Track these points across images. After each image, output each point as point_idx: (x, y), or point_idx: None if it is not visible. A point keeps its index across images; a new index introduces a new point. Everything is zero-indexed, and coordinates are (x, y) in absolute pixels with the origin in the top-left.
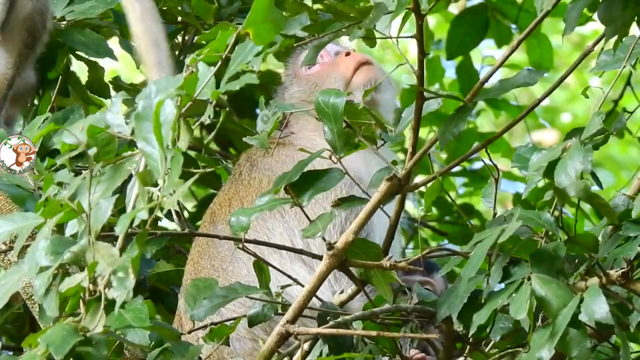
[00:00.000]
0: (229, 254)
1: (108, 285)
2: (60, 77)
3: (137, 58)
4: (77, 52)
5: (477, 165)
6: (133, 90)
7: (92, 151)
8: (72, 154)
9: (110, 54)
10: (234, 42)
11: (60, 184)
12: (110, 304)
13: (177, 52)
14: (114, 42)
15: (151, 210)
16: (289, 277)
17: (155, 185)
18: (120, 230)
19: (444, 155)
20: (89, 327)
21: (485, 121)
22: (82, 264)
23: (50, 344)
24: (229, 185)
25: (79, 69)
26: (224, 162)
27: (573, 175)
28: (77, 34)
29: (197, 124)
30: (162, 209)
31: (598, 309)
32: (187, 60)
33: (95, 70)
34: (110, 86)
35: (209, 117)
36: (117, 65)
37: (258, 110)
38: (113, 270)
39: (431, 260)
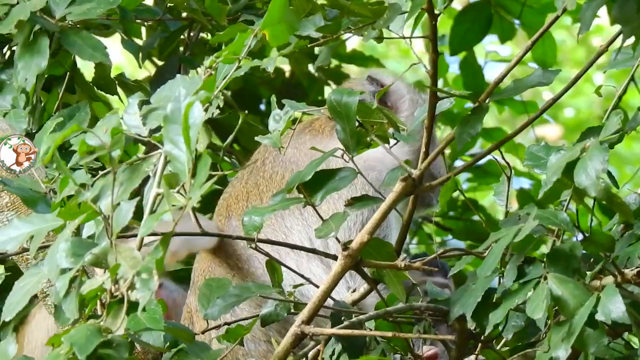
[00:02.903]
0: (245, 252)
1: (131, 287)
2: (68, 74)
3: (140, 57)
4: None
5: (482, 160)
6: (137, 87)
7: (116, 153)
8: (93, 156)
9: (105, 57)
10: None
11: (82, 185)
12: (131, 306)
13: (182, 49)
14: (116, 41)
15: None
16: (302, 276)
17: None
18: (144, 231)
19: (447, 151)
20: (112, 328)
21: (489, 116)
22: (102, 266)
23: (74, 344)
24: (247, 175)
25: (84, 66)
26: (227, 158)
27: (594, 176)
28: (73, 36)
29: (205, 116)
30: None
31: (615, 308)
32: (206, 62)
33: (101, 67)
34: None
35: (215, 111)
36: (121, 61)
37: (262, 106)
38: (137, 272)
39: (441, 261)
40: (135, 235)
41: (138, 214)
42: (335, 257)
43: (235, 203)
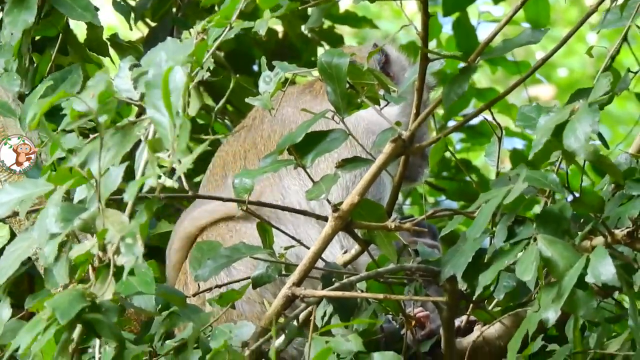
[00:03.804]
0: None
1: (117, 252)
2: (60, 35)
3: (131, 19)
4: None
5: (474, 120)
6: (131, 48)
7: (103, 118)
8: (84, 119)
9: (95, 18)
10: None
11: (70, 151)
12: (119, 271)
13: (174, 10)
14: (107, 2)
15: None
16: (293, 238)
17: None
18: (129, 196)
19: (440, 111)
20: (98, 294)
21: (482, 76)
22: (92, 231)
23: (56, 309)
24: (245, 134)
25: (77, 27)
26: (220, 119)
27: (582, 139)
28: None
29: (194, 81)
30: (171, 175)
31: (604, 270)
32: (198, 26)
33: (94, 28)
34: (108, 44)
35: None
36: (115, 22)
37: (255, 67)
38: (122, 237)
39: (429, 223)
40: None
41: (131, 178)
42: (326, 219)
43: (233, 162)
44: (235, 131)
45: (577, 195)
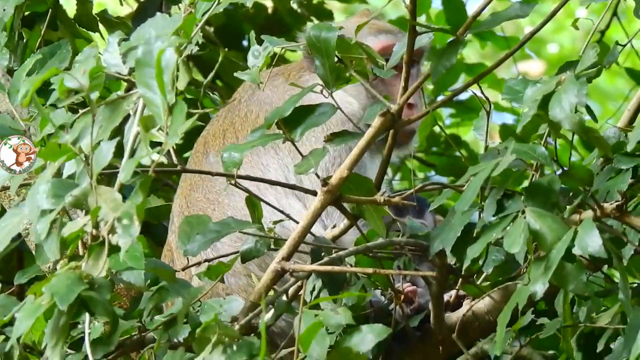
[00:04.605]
0: (224, 186)
1: (112, 231)
2: (50, 10)
3: None
4: None
5: (464, 95)
6: (120, 24)
7: (95, 95)
8: (73, 97)
9: None
10: None
11: (61, 127)
12: (112, 249)
13: None
14: None
15: None
16: (282, 212)
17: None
18: (125, 176)
19: (430, 86)
20: (92, 272)
21: (472, 52)
22: (83, 207)
23: (55, 293)
24: (225, 113)
25: (66, 2)
26: (210, 94)
27: (568, 109)
28: None
29: (183, 55)
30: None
31: (591, 242)
32: (187, 1)
33: (83, 3)
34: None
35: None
36: None
37: (245, 43)
38: (118, 217)
39: (420, 197)
40: None
41: (119, 152)
42: (315, 193)
43: (213, 140)
44: (221, 105)
45: (565, 169)
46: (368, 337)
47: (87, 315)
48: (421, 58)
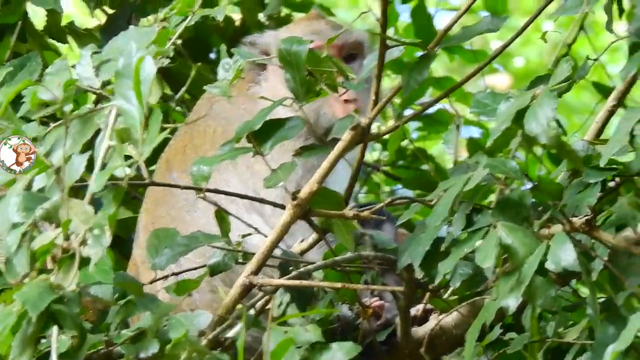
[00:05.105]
0: (187, 203)
1: (83, 242)
2: (19, 22)
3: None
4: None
5: (431, 109)
6: (88, 36)
7: (68, 107)
8: (46, 110)
9: (57, 3)
10: None
11: (34, 139)
12: (83, 261)
13: None
14: None
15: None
16: (250, 226)
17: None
18: (97, 187)
19: (397, 100)
20: (62, 284)
21: (439, 65)
22: (54, 220)
23: (26, 301)
24: (184, 130)
25: (35, 15)
26: (179, 107)
27: (544, 123)
28: None
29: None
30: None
31: (565, 255)
32: (160, 14)
33: (52, 15)
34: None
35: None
36: (71, 10)
37: (213, 55)
38: (89, 228)
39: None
40: None
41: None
42: (284, 207)
43: (174, 157)
44: (184, 124)
45: (535, 183)
46: (337, 355)
47: (54, 328)
48: (362, 52)
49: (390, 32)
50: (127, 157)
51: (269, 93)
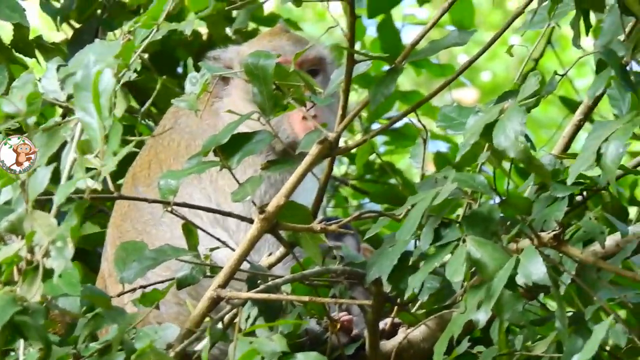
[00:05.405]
0: (152, 217)
1: (46, 254)
2: None
3: (58, 20)
4: None
5: (398, 123)
6: (56, 50)
7: (32, 120)
8: (10, 122)
9: (23, 18)
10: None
11: None
12: (47, 273)
13: (99, 11)
14: (33, 3)
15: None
16: (218, 239)
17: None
18: (59, 199)
19: (364, 114)
20: (26, 296)
21: (405, 79)
22: (18, 232)
23: None
24: (150, 145)
25: (1, 29)
26: (146, 121)
27: (512, 137)
28: None
29: (120, 83)
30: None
31: (535, 270)
32: (125, 27)
33: (20, 29)
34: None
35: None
36: (37, 24)
37: (180, 69)
38: (52, 240)
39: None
40: None
41: (56, 179)
42: (250, 221)
43: (139, 171)
44: (150, 136)
45: (503, 197)
46: None
47: (21, 341)
48: (324, 67)
49: (357, 46)
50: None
51: (230, 108)
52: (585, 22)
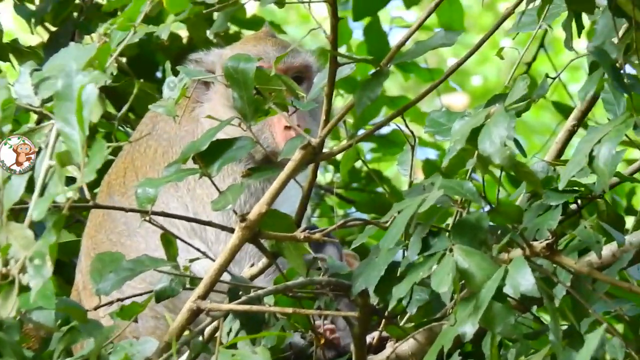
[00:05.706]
0: (126, 227)
1: (22, 270)
2: None
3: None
4: None
5: (385, 129)
6: (31, 53)
7: (7, 128)
8: None
9: None
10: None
11: None
12: (23, 288)
13: (75, 14)
14: (7, 6)
15: None
16: (198, 250)
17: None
18: (38, 215)
19: (350, 119)
20: (1, 312)
21: (393, 84)
22: None
23: None
24: (126, 151)
25: None
26: (123, 127)
27: (498, 143)
28: None
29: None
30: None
31: (523, 281)
32: (101, 29)
33: None
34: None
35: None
36: (12, 27)
37: (159, 74)
38: (29, 257)
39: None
40: None
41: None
42: (231, 230)
43: (115, 179)
44: (127, 142)
45: (493, 205)
46: None
47: None
48: (309, 75)
49: (343, 49)
50: (69, 178)
51: (211, 113)
52: (577, 24)
